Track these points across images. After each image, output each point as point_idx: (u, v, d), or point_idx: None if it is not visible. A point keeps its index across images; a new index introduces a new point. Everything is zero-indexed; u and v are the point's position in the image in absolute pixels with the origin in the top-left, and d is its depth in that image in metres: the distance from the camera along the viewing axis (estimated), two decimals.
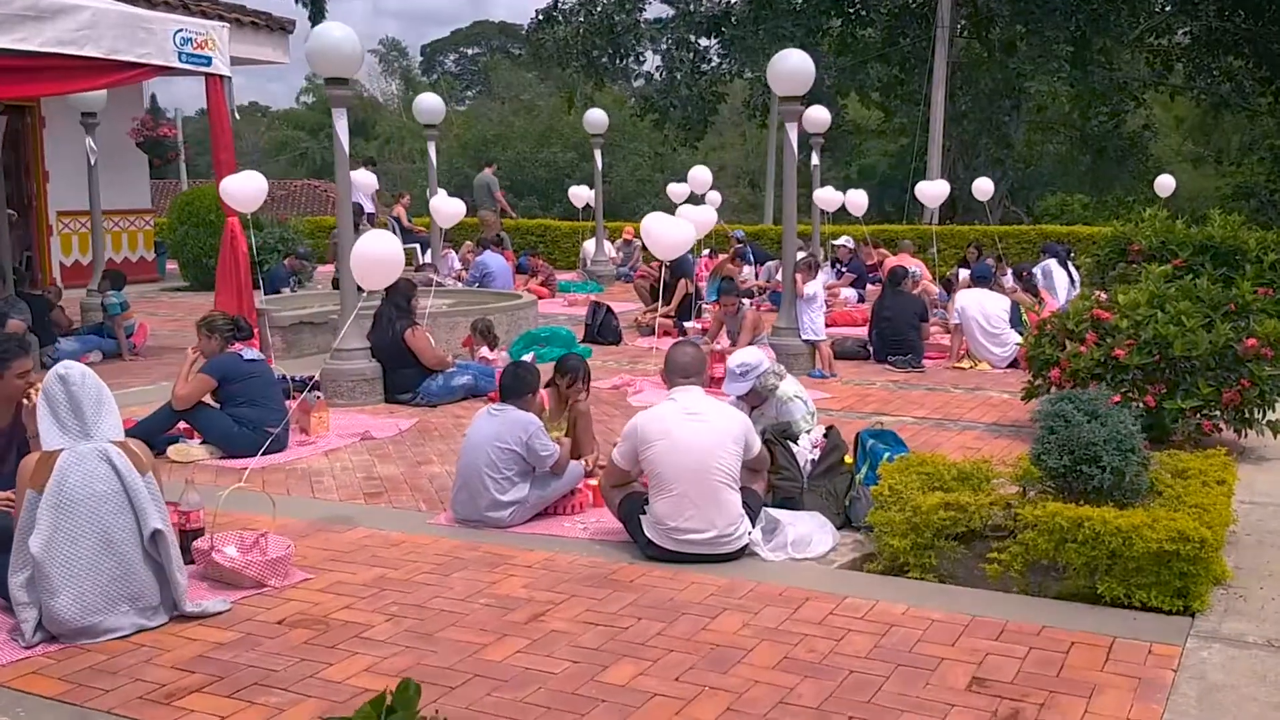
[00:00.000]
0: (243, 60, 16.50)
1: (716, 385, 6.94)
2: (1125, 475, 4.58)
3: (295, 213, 25.97)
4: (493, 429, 5.28)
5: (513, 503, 5.22)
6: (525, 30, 32.85)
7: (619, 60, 30.35)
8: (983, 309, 9.83)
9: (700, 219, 9.71)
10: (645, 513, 4.82)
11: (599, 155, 17.35)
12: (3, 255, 11.46)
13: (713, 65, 29.41)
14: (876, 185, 30.65)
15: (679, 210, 10.07)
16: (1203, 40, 26.46)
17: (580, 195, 20.23)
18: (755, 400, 6.08)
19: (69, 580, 3.92)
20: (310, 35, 8.18)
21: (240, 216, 9.24)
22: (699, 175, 15.86)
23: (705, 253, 16.72)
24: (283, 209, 28.73)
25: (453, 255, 15.82)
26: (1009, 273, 12.30)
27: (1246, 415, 6.47)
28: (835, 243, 15.93)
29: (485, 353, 8.89)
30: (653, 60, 32.29)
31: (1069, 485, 4.67)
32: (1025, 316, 9.89)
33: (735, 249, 15.38)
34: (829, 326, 10.64)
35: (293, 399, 7.13)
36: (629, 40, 29.37)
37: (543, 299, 14.30)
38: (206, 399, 6.60)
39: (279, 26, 16.76)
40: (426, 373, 8.18)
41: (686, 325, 10.90)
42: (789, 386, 6.12)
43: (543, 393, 6.02)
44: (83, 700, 3.51)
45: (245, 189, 8.96)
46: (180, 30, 8.97)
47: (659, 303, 10.57)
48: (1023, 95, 27.46)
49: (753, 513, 4.91)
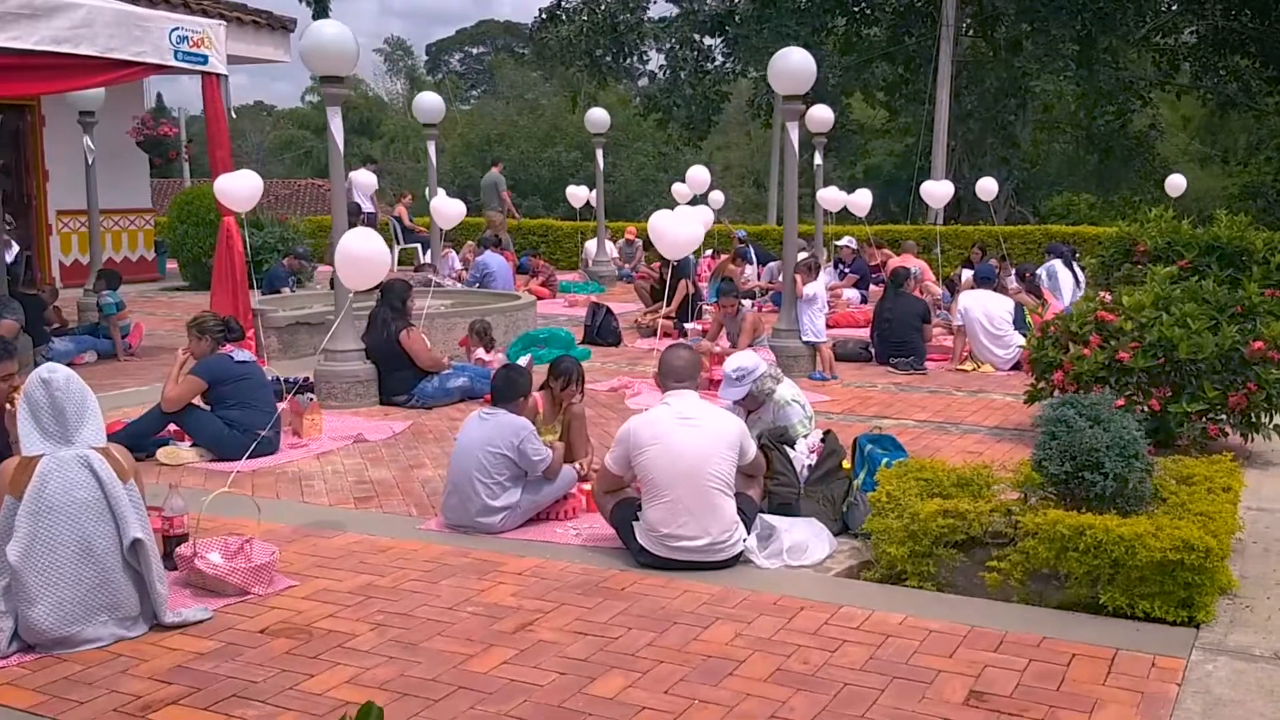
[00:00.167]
0: (244, 59, 16.47)
1: (717, 388, 6.84)
2: (1128, 482, 4.49)
3: (299, 212, 25.91)
4: (484, 433, 5.19)
5: (504, 508, 5.13)
6: (529, 29, 32.80)
7: (622, 59, 30.26)
8: (986, 310, 9.72)
9: (697, 219, 9.58)
10: (638, 519, 4.72)
11: (600, 155, 17.27)
12: None
13: (716, 64, 29.29)
14: (881, 185, 30.49)
15: (677, 210, 9.98)
16: (1209, 40, 26.31)
17: (578, 195, 20.11)
18: (752, 405, 5.99)
19: (47, 589, 3.84)
20: (304, 33, 8.10)
21: (237, 216, 9.18)
22: (697, 175, 15.76)
23: (708, 253, 16.63)
24: (286, 208, 28.67)
25: (453, 255, 15.74)
26: (1012, 273, 12.19)
27: (1253, 419, 6.36)
28: (838, 243, 15.82)
29: (481, 354, 8.79)
30: (656, 59, 32.26)
31: (1071, 492, 4.57)
32: (1029, 318, 9.77)
33: (735, 249, 15.27)
34: (831, 328, 10.54)
35: (286, 401, 7.06)
36: (632, 39, 29.28)
37: (543, 299, 14.22)
38: (197, 401, 6.51)
39: (280, 25, 16.71)
40: (422, 374, 8.09)
41: (686, 326, 10.81)
42: (786, 390, 6.03)
43: (536, 396, 5.94)
44: (56, 713, 3.43)
45: (240, 188, 8.89)
46: (176, 29, 8.90)
47: (660, 304, 10.48)
48: (1028, 94, 27.36)
49: (748, 519, 4.81)
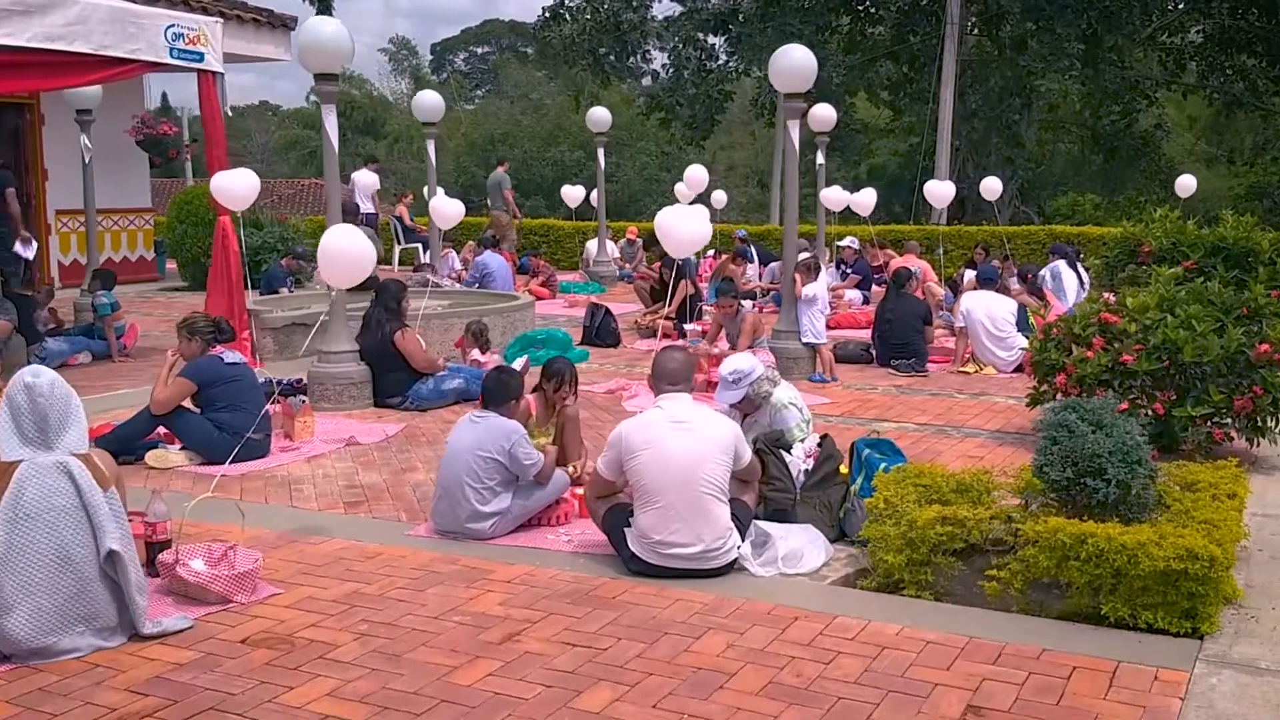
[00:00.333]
0: (244, 58, 16.41)
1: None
2: (1131, 488, 4.39)
3: (302, 212, 25.84)
4: (474, 437, 5.09)
5: (494, 514, 5.03)
6: (532, 28, 32.71)
7: (626, 58, 30.15)
8: (988, 312, 9.61)
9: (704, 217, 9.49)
10: (630, 525, 4.63)
11: (602, 154, 17.18)
12: None
13: (720, 63, 29.19)
14: (885, 185, 30.38)
15: (683, 207, 9.87)
16: (1216, 39, 26.18)
17: (572, 195, 19.99)
18: (749, 408, 5.89)
19: (24, 597, 3.74)
20: (299, 31, 8.01)
21: (235, 215, 9.10)
22: (695, 175, 15.64)
23: (710, 253, 16.52)
24: (290, 208, 28.62)
25: (453, 255, 15.65)
26: (1015, 274, 12.06)
27: (1259, 423, 6.25)
28: (840, 243, 15.71)
29: (477, 355, 8.69)
30: (660, 58, 32.14)
31: (1073, 499, 4.47)
32: (1032, 320, 9.66)
33: (736, 248, 15.15)
34: (832, 329, 10.43)
35: (277, 403, 6.97)
36: (635, 38, 29.19)
37: (544, 300, 14.14)
38: (186, 403, 6.42)
39: (280, 23, 16.64)
40: (417, 376, 7.99)
41: (686, 327, 10.71)
42: (783, 393, 5.92)
43: (529, 398, 5.84)
44: None
45: (238, 186, 8.81)
46: (172, 26, 8.83)
47: (659, 304, 10.37)
48: (1033, 94, 27.23)
49: (742, 526, 4.71)
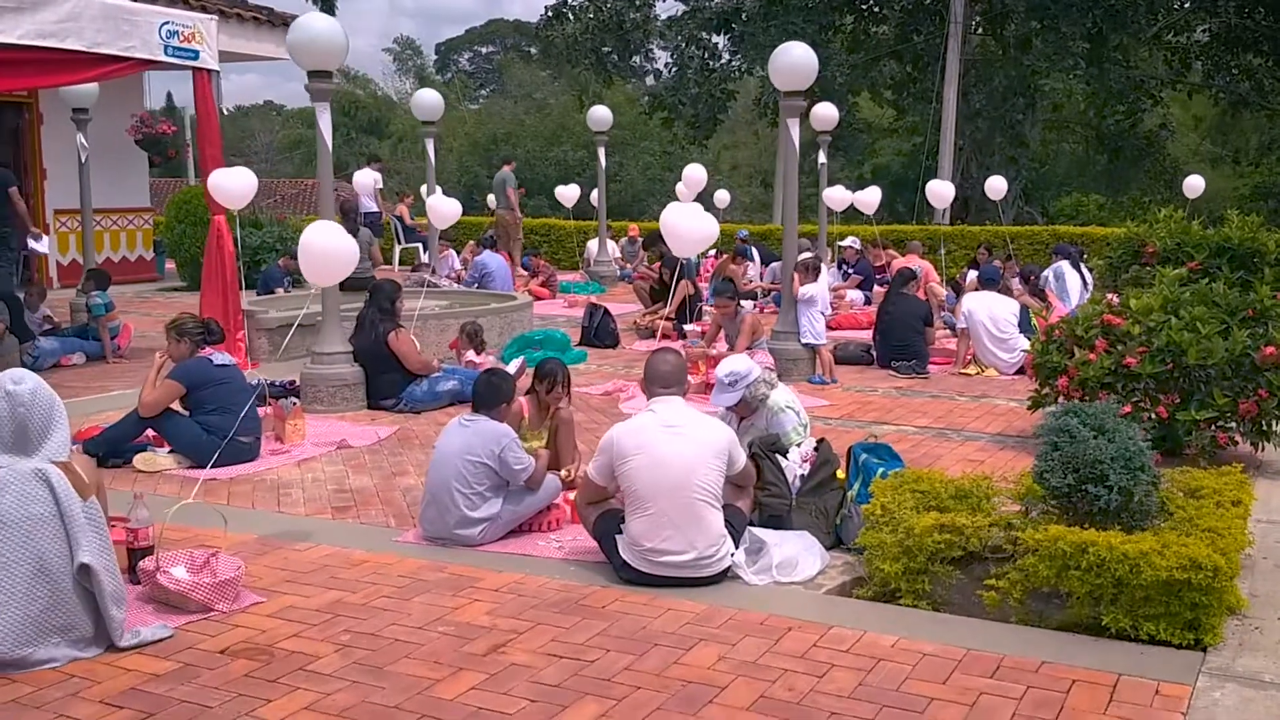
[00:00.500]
0: (244, 56, 16.34)
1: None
2: (1134, 495, 4.28)
3: (304, 212, 25.76)
4: (463, 440, 4.99)
5: (484, 519, 4.93)
6: (535, 27, 32.60)
7: (629, 57, 30.04)
8: (990, 313, 9.50)
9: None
10: (621, 532, 4.53)
11: (602, 153, 17.08)
12: None
13: (723, 62, 29.07)
14: (889, 185, 30.27)
15: (689, 206, 9.77)
16: (1222, 38, 26.02)
17: (567, 195, 19.86)
18: (745, 411, 5.78)
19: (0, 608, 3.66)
20: (291, 27, 7.92)
21: (229, 214, 9.02)
22: (694, 174, 15.52)
23: (711, 253, 16.41)
24: (293, 208, 28.54)
25: (452, 255, 15.57)
26: (1017, 275, 11.95)
27: (1264, 427, 6.14)
28: (841, 243, 15.60)
29: (471, 356, 8.58)
30: (662, 57, 32.03)
31: (1074, 505, 4.36)
32: (1034, 321, 9.56)
33: (736, 248, 15.04)
34: (834, 329, 10.33)
35: (269, 405, 6.89)
36: (638, 37, 29.08)
37: (544, 299, 14.05)
38: (175, 406, 6.33)
39: (281, 21, 16.54)
40: (411, 377, 7.90)
41: (686, 328, 10.62)
42: (781, 396, 5.82)
43: (522, 400, 5.75)
44: None
45: (235, 185, 8.74)
46: (166, 23, 8.74)
47: (659, 304, 10.27)
48: (1038, 93, 27.09)
49: (736, 533, 4.61)
